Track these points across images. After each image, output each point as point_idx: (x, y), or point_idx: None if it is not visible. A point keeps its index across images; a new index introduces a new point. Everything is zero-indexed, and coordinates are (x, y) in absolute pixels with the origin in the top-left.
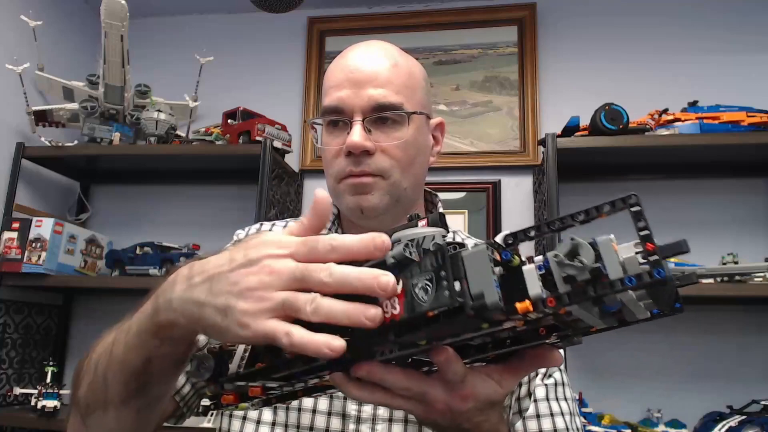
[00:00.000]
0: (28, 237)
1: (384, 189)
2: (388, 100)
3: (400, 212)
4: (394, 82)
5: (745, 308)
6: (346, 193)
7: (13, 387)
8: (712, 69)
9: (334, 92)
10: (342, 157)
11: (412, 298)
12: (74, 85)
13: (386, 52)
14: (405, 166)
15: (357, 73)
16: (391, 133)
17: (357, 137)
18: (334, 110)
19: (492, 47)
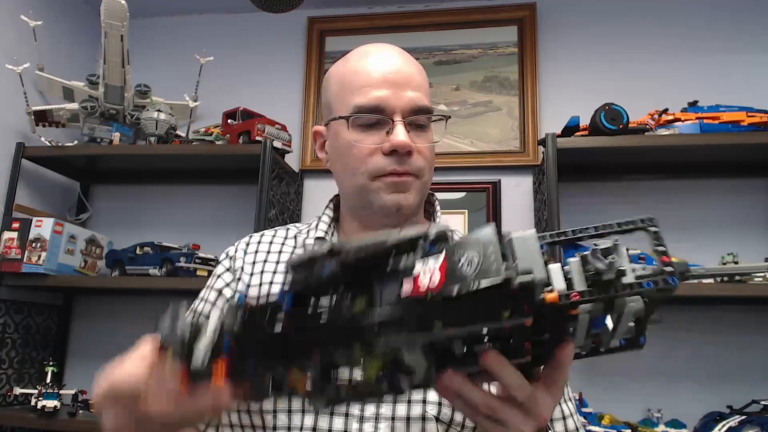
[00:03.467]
0: (28, 237)
1: (418, 188)
2: (424, 103)
3: (417, 211)
4: (424, 87)
5: (745, 308)
6: (382, 191)
7: (13, 387)
8: (712, 69)
9: (371, 91)
10: (379, 156)
11: (454, 269)
12: (74, 85)
13: (409, 57)
14: (431, 168)
15: (395, 75)
16: (424, 135)
17: (404, 137)
18: (374, 109)
19: (492, 47)
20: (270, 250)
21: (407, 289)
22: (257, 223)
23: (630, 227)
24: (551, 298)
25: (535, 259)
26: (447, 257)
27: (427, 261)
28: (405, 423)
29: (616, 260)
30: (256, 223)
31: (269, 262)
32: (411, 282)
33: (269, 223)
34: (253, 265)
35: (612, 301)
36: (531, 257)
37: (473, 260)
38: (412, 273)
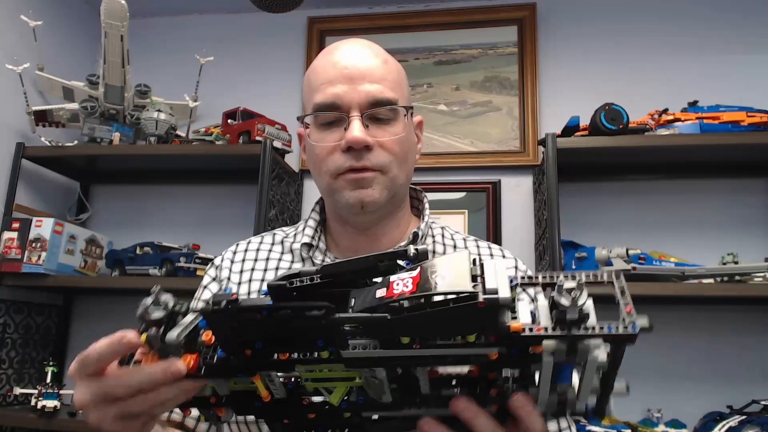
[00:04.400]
0: (28, 237)
1: (383, 184)
2: (384, 96)
3: (392, 207)
4: (387, 78)
5: (745, 308)
6: (345, 189)
7: (13, 387)
8: (712, 69)
9: (327, 88)
10: (339, 153)
11: (426, 282)
12: (74, 85)
13: (375, 50)
14: (401, 161)
15: (351, 69)
16: (387, 128)
17: (358, 132)
18: (330, 106)
19: (492, 47)
20: (257, 257)
21: (381, 293)
22: (257, 223)
23: (597, 281)
24: (515, 327)
25: (502, 283)
26: (421, 271)
27: (401, 273)
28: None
29: (579, 299)
30: (256, 223)
31: (257, 270)
32: (385, 288)
33: (269, 222)
34: (241, 274)
35: (575, 344)
36: (499, 281)
37: (445, 277)
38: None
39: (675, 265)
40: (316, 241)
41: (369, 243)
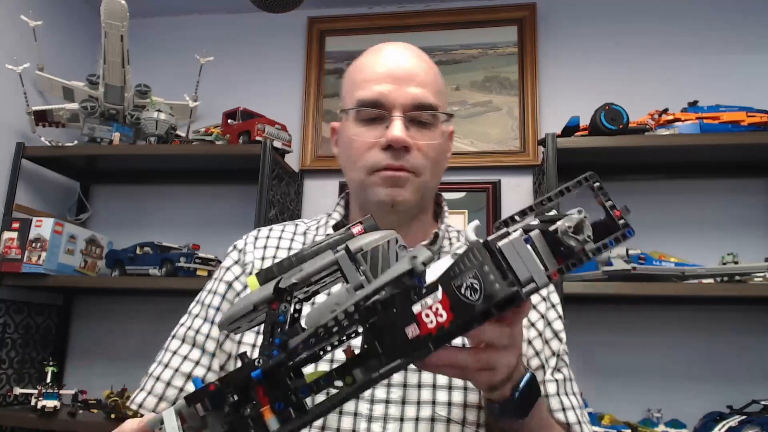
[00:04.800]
0: (28, 237)
1: (416, 185)
2: (428, 100)
3: (419, 210)
4: (431, 84)
5: (745, 308)
6: (377, 186)
7: (13, 387)
8: (712, 69)
9: (373, 85)
10: (377, 150)
11: (459, 300)
12: (74, 85)
13: (421, 54)
14: (434, 167)
15: (399, 70)
16: (426, 132)
17: (400, 132)
18: (374, 103)
19: (492, 47)
20: (279, 245)
21: (413, 332)
22: (257, 223)
23: (575, 186)
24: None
25: (532, 265)
26: (445, 293)
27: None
28: (414, 424)
29: (585, 232)
30: (256, 223)
31: (278, 258)
32: (416, 325)
33: (269, 223)
34: (263, 261)
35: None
36: (527, 264)
37: (474, 286)
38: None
39: (675, 265)
40: None
41: None
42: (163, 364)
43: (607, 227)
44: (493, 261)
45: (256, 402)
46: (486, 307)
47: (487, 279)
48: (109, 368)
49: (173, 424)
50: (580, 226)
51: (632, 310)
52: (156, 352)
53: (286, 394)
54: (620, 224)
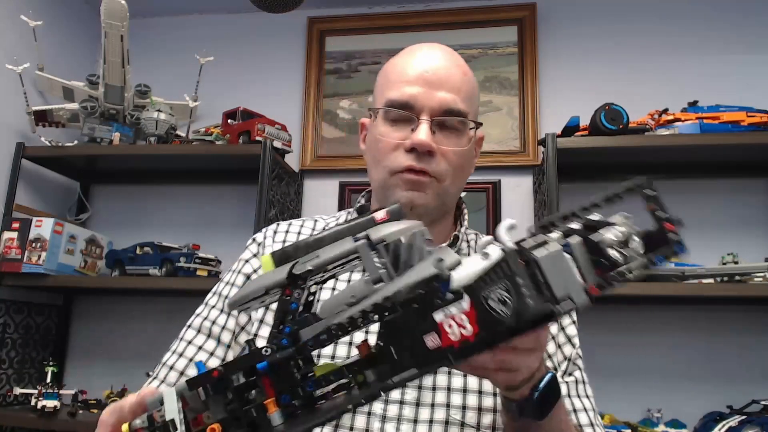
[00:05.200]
0: (28, 237)
1: (436, 191)
2: (457, 107)
3: (439, 215)
4: (463, 91)
5: (745, 308)
6: (398, 187)
7: (13, 387)
8: (712, 69)
9: (404, 87)
10: (401, 152)
11: (487, 313)
12: (74, 85)
13: (457, 59)
14: (457, 174)
15: (431, 74)
16: (453, 138)
17: (425, 135)
18: (403, 105)
19: (492, 47)
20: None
21: (433, 342)
22: (257, 223)
23: (626, 192)
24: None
25: (571, 281)
26: (472, 300)
27: (448, 308)
28: (428, 426)
29: (632, 247)
30: (256, 223)
31: None
32: (436, 334)
33: (269, 223)
34: None
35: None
36: (565, 279)
37: (504, 298)
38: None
39: (675, 265)
40: None
41: None
42: (178, 354)
43: (655, 239)
44: (528, 272)
45: (260, 393)
46: (516, 324)
47: (520, 293)
48: (109, 368)
49: (174, 405)
50: (628, 239)
51: (632, 310)
52: (156, 351)
53: (293, 388)
54: (671, 239)
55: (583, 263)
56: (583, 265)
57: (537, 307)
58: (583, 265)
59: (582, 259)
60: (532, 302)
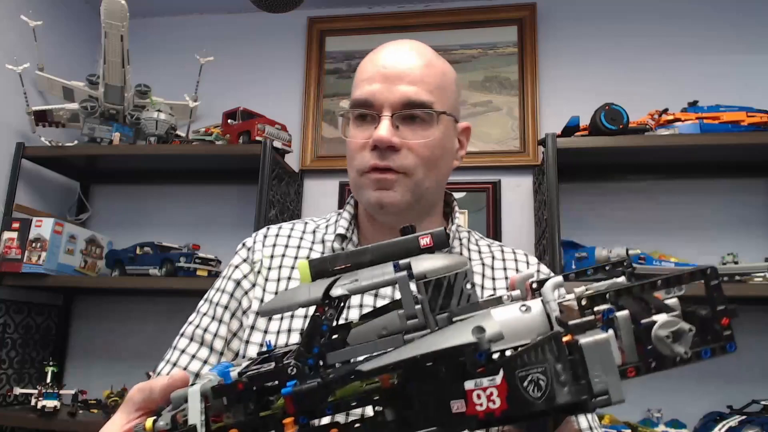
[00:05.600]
0: (28, 237)
1: (406, 186)
2: (419, 98)
3: (420, 211)
4: (426, 81)
5: (745, 308)
6: (367, 187)
7: (13, 387)
8: (712, 69)
9: (365, 85)
10: (366, 151)
11: (519, 392)
12: (74, 85)
13: (420, 51)
14: (429, 166)
15: (390, 69)
16: (419, 131)
17: (384, 131)
18: (364, 103)
19: (492, 47)
20: (288, 244)
21: (458, 408)
22: (257, 223)
23: (690, 279)
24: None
25: (612, 376)
26: (506, 375)
27: (480, 380)
28: None
29: (683, 345)
30: (256, 223)
31: (287, 256)
32: (463, 401)
33: (269, 223)
34: (272, 259)
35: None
36: (606, 370)
37: (539, 382)
38: (461, 391)
39: (675, 265)
40: (350, 234)
41: None
42: (172, 363)
43: (706, 328)
44: (569, 356)
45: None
46: (546, 408)
47: (556, 378)
48: (109, 368)
49: (197, 410)
50: (680, 335)
51: None
52: (156, 351)
53: (312, 411)
54: (724, 335)
55: (627, 341)
56: (626, 342)
57: (572, 398)
58: (626, 343)
59: (626, 336)
60: (566, 390)
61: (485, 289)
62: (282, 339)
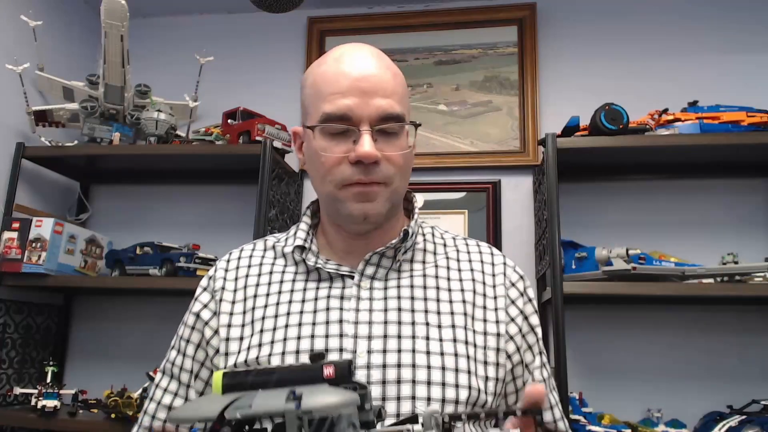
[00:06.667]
0: (28, 237)
1: (386, 196)
2: (394, 111)
3: (390, 215)
4: (397, 93)
5: (745, 308)
6: (349, 201)
7: (13, 387)
8: (712, 69)
9: (339, 99)
10: (346, 165)
11: None
12: (74, 85)
13: (384, 61)
14: (404, 174)
15: (364, 82)
16: (395, 142)
17: (369, 147)
18: (341, 118)
19: (492, 47)
20: (251, 264)
21: None
22: (257, 223)
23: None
24: None
25: None
26: None
27: None
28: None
29: None
30: (256, 223)
31: (251, 276)
32: None
33: (269, 223)
34: (236, 281)
35: None
36: None
37: None
38: None
39: (675, 265)
40: (309, 244)
41: (364, 245)
42: (150, 399)
43: None
44: None
45: None
46: None
47: None
48: (109, 368)
49: None
50: None
51: (632, 310)
52: (155, 351)
53: None
54: None
55: None
56: None
57: None
58: None
59: None
60: None
61: (451, 280)
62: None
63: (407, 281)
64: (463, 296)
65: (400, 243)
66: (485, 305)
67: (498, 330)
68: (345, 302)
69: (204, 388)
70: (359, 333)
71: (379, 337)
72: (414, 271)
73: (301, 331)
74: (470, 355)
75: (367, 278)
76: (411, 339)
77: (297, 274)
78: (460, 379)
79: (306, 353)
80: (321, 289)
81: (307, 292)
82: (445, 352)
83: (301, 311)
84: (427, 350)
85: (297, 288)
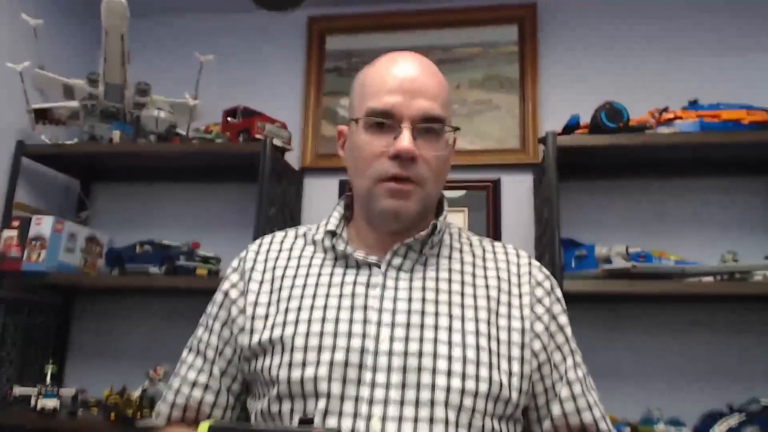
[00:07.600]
0: (27, 235)
1: (419, 197)
2: (436, 113)
3: (420, 217)
4: (440, 97)
5: (745, 306)
6: (383, 196)
7: (13, 387)
8: (712, 67)
9: (385, 96)
10: (384, 159)
11: None
12: (74, 83)
13: (431, 67)
14: (437, 178)
15: (411, 83)
16: (433, 144)
17: (408, 142)
18: (384, 114)
19: (492, 46)
20: (281, 248)
21: None
22: (257, 222)
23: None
24: None
25: None
26: None
27: None
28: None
29: None
30: (256, 221)
31: (281, 258)
32: None
33: (269, 221)
34: (265, 263)
35: None
36: None
37: None
38: None
39: (675, 264)
40: (340, 230)
41: (391, 242)
42: (176, 374)
43: None
44: None
45: None
46: None
47: None
48: (109, 368)
49: None
50: None
51: (632, 308)
52: (156, 350)
53: None
54: None
55: None
56: None
57: None
58: None
59: None
60: None
61: (476, 276)
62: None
63: (433, 274)
64: (488, 292)
65: (427, 237)
66: (510, 302)
67: (523, 326)
68: (370, 290)
69: (227, 367)
70: (383, 320)
71: (402, 325)
72: (440, 264)
73: (326, 313)
74: (492, 349)
75: (394, 268)
76: (434, 329)
77: (325, 260)
78: (481, 371)
79: (329, 336)
80: (348, 275)
81: (334, 277)
82: (467, 344)
83: (327, 294)
84: (449, 341)
85: (324, 272)
